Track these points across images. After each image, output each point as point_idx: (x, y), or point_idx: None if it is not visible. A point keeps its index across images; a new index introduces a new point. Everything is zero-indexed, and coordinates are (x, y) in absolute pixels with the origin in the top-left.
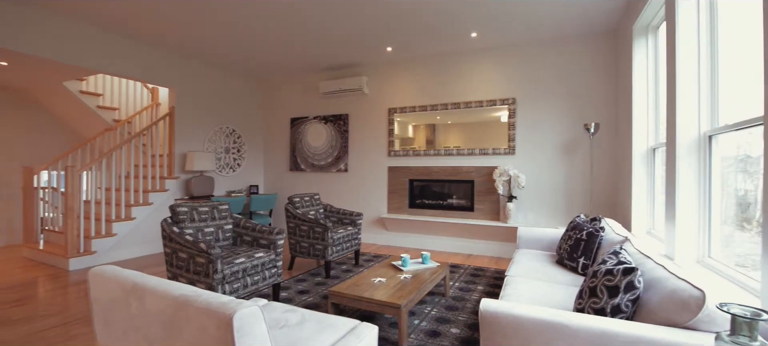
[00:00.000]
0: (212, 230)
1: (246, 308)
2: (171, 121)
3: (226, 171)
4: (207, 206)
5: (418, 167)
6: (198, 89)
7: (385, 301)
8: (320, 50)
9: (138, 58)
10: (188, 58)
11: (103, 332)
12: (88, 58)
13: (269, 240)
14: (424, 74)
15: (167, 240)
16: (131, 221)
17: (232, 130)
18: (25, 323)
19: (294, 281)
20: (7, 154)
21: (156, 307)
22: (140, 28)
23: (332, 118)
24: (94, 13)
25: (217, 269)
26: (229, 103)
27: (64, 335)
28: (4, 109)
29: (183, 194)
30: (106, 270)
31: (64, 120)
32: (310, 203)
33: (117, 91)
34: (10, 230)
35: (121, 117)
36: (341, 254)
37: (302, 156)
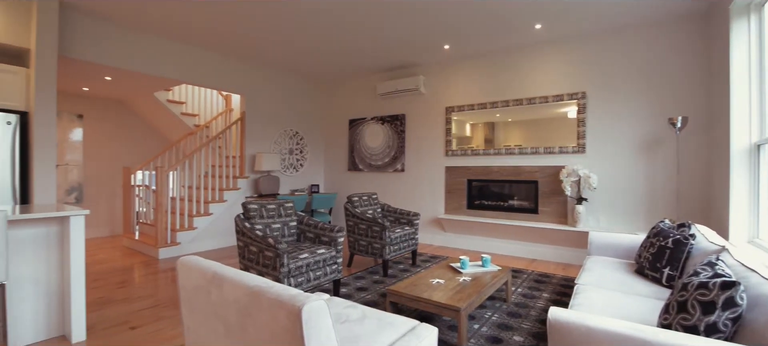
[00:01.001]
0: (279, 227)
1: (313, 302)
2: (242, 125)
3: (289, 171)
4: (274, 203)
5: (476, 167)
6: (266, 95)
7: (444, 303)
8: (377, 52)
9: (215, 69)
10: (257, 67)
11: (188, 316)
12: (173, 70)
13: (330, 238)
14: (482, 71)
15: (240, 234)
16: (209, 216)
17: (296, 132)
18: (125, 303)
19: (353, 278)
20: (111, 157)
21: (233, 295)
22: (217, 42)
23: (389, 118)
24: (179, 32)
25: (284, 263)
26: (292, 107)
27: (155, 316)
28: (108, 117)
29: (252, 192)
30: (191, 260)
31: (155, 126)
32: (368, 202)
33: (197, 99)
34: (113, 222)
35: (201, 122)
36: (398, 254)
37: (360, 156)
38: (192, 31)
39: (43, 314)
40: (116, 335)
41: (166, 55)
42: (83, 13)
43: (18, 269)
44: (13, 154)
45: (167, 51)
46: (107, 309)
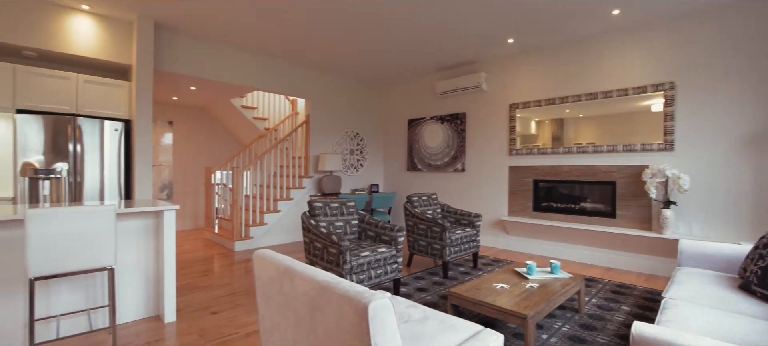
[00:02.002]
0: (341, 225)
1: (379, 299)
2: (307, 127)
3: (350, 171)
4: (337, 202)
5: (543, 167)
6: (328, 98)
7: (509, 309)
8: (437, 51)
9: (283, 75)
10: (321, 72)
11: (263, 305)
12: (247, 78)
13: (390, 237)
14: (551, 64)
15: (306, 231)
16: (277, 213)
17: (356, 133)
18: (207, 289)
19: (412, 277)
20: (195, 158)
21: (303, 288)
22: (285, 51)
23: (449, 117)
24: (252, 44)
25: (346, 260)
26: (353, 109)
27: (232, 303)
28: (192, 123)
29: (316, 191)
30: (266, 254)
31: (231, 129)
32: (427, 203)
33: (267, 104)
34: (196, 217)
35: (270, 125)
36: (459, 255)
37: (419, 156)
38: (264, 43)
39: (142, 296)
40: (200, 318)
41: (241, 64)
42: (173, 31)
43: (123, 256)
44: (119, 157)
45: (242, 61)
46: (192, 294)
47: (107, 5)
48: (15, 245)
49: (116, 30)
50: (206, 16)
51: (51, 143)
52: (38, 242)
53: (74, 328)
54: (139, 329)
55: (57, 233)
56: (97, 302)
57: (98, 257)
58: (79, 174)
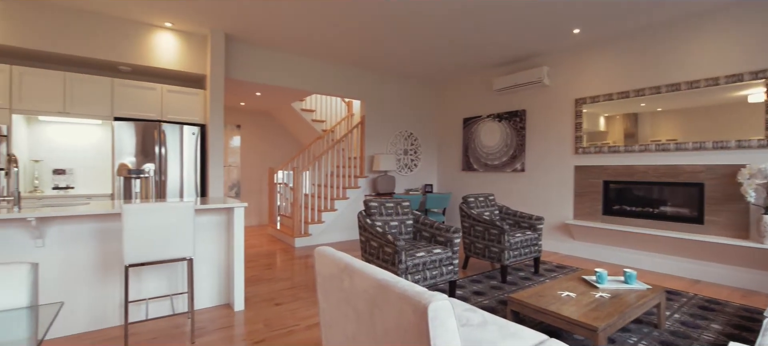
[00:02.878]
0: (396, 224)
1: (439, 301)
2: (362, 128)
3: (404, 171)
4: (392, 202)
5: (615, 166)
6: (383, 99)
7: (577, 319)
8: (495, 45)
9: (339, 79)
10: (376, 74)
11: (323, 299)
12: (306, 83)
13: (446, 238)
14: (622, 54)
15: (362, 229)
16: (334, 211)
17: (410, 133)
18: (271, 282)
19: (469, 280)
20: (260, 159)
21: (362, 286)
22: (342, 55)
23: (507, 115)
24: (311, 50)
25: (402, 260)
26: (407, 108)
27: (293, 296)
28: (257, 126)
29: (371, 190)
30: (326, 251)
31: (292, 132)
32: (484, 204)
33: (324, 107)
34: (260, 214)
35: (327, 127)
36: (518, 260)
37: (475, 156)
38: (321, 48)
39: (215, 285)
40: (265, 308)
41: (300, 69)
42: (242, 41)
43: (199, 248)
44: (195, 158)
45: (301, 66)
46: (258, 286)
47: (186, 22)
48: (114, 235)
49: (193, 44)
50: (270, 27)
51: (141, 146)
52: (132, 234)
53: (159, 311)
54: (212, 315)
55: (147, 225)
56: (178, 289)
57: (180, 248)
58: (163, 173)
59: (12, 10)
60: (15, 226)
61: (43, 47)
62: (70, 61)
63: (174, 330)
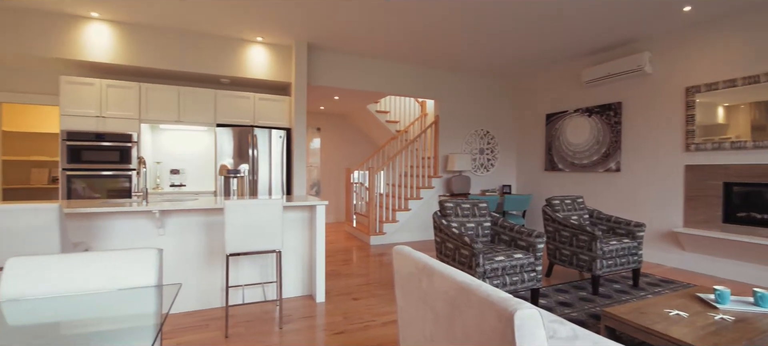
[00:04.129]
0: (473, 226)
1: (527, 309)
2: (436, 128)
3: (480, 171)
4: (468, 203)
5: (739, 166)
6: (457, 97)
7: (691, 344)
8: (584, 32)
9: (413, 79)
10: (449, 71)
11: (402, 298)
12: (381, 85)
13: (528, 242)
14: (748, 31)
15: (437, 230)
16: (408, 211)
17: (486, 131)
18: (348, 277)
19: (553, 289)
20: (337, 159)
21: (442, 287)
22: (415, 55)
23: (598, 109)
24: (385, 52)
25: (479, 263)
26: (483, 106)
27: (369, 292)
28: (335, 129)
29: (445, 191)
30: (405, 250)
31: (367, 133)
32: (571, 207)
33: (398, 107)
34: (337, 212)
35: (401, 127)
36: (613, 270)
37: (559, 155)
38: (395, 50)
39: (300, 277)
40: (343, 302)
41: (376, 72)
42: (321, 49)
43: (286, 241)
44: (282, 159)
45: (377, 69)
46: (336, 280)
47: (274, 35)
48: (217, 227)
49: (279, 54)
50: (347, 34)
51: (237, 149)
52: (232, 227)
53: (252, 296)
54: (296, 304)
55: (244, 220)
56: (268, 278)
57: (270, 240)
58: (255, 173)
59: (140, 36)
60: (143, 217)
61: (163, 66)
62: (183, 76)
63: (265, 315)
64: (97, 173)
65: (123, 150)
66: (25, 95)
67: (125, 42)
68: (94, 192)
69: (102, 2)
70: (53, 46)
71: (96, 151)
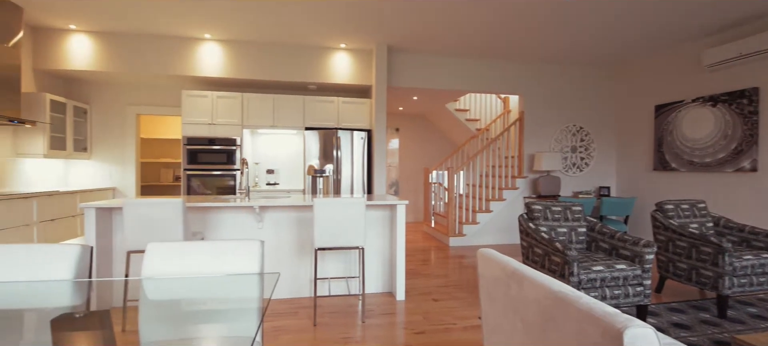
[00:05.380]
0: (565, 231)
1: (639, 328)
2: (520, 125)
3: (572, 171)
4: (559, 205)
5: None
6: (544, 91)
7: None
8: (706, 6)
9: (494, 75)
10: (535, 65)
11: (487, 303)
12: (460, 83)
13: (634, 252)
14: None
15: (524, 234)
16: (489, 213)
17: (579, 127)
18: (427, 277)
19: (665, 308)
20: (415, 159)
21: (533, 295)
22: (496, 50)
23: (725, 96)
24: (464, 49)
25: (573, 272)
26: (575, 99)
27: (449, 295)
28: (414, 129)
29: (531, 192)
30: (491, 253)
31: (445, 132)
32: (690, 213)
33: (478, 105)
34: (416, 211)
35: (481, 126)
36: (748, 290)
37: (673, 152)
38: (475, 47)
39: (381, 273)
40: (424, 302)
41: (455, 70)
42: (401, 51)
43: (368, 239)
44: (363, 160)
45: (457, 67)
46: (416, 280)
47: (356, 41)
48: (306, 223)
49: (360, 59)
50: (426, 34)
51: (323, 150)
52: (320, 223)
53: (337, 289)
54: (378, 300)
55: (330, 216)
56: (351, 273)
57: (354, 237)
58: (338, 173)
59: (242, 51)
60: (245, 211)
61: (261, 77)
62: (277, 85)
63: (348, 309)
64: (209, 172)
65: (229, 152)
66: (156, 108)
67: (231, 58)
68: (206, 189)
69: (213, 25)
70: (176, 65)
71: (208, 153)
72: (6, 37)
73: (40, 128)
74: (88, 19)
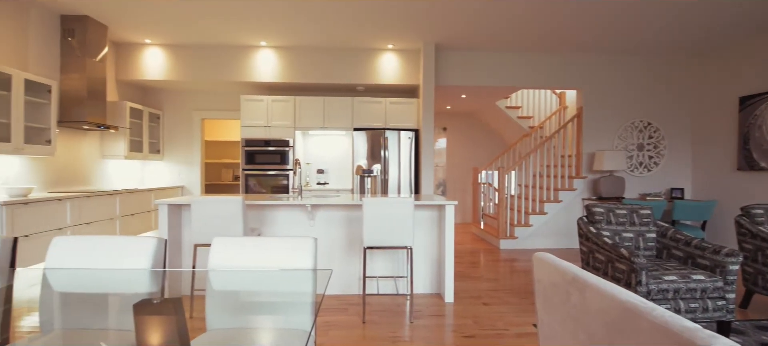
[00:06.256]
0: (631, 236)
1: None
2: (579, 122)
3: (638, 170)
4: (624, 208)
5: None
6: (606, 84)
7: None
8: None
9: (549, 69)
10: (596, 55)
11: (544, 310)
12: (513, 79)
13: (714, 262)
14: None
15: (583, 239)
16: (544, 215)
17: (648, 123)
18: (477, 280)
19: (753, 326)
20: (463, 159)
21: (598, 305)
22: (551, 43)
23: None
24: (517, 44)
25: (642, 282)
26: (642, 92)
27: (500, 299)
28: (462, 127)
29: (590, 193)
30: (548, 257)
31: (496, 131)
32: None
33: (531, 102)
34: (464, 212)
35: (535, 124)
36: None
37: (762, 149)
38: (528, 40)
39: (429, 274)
40: (473, 305)
41: (506, 66)
42: (449, 49)
43: (416, 239)
44: (410, 160)
45: (507, 62)
46: (464, 282)
47: (404, 41)
48: (355, 222)
49: (407, 59)
50: (476, 30)
51: (370, 151)
52: (369, 222)
53: (385, 288)
54: (425, 301)
55: (379, 216)
56: (399, 273)
57: (402, 237)
58: (386, 173)
59: (295, 57)
60: (298, 210)
61: (312, 80)
62: (326, 88)
63: (396, 308)
64: (265, 172)
65: (282, 153)
66: (218, 112)
67: (284, 63)
68: (262, 188)
69: (268, 32)
70: (235, 72)
71: (264, 154)
72: (94, 52)
73: (122, 133)
74: (161, 33)
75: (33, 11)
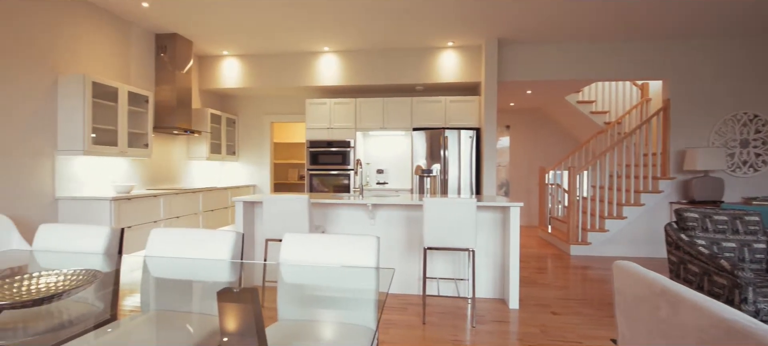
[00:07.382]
0: (734, 246)
1: None
2: (665, 116)
3: (742, 170)
4: (724, 214)
5: None
6: (698, 73)
7: None
8: None
9: (627, 58)
10: (683, 42)
11: (625, 324)
12: (585, 71)
13: None
14: None
15: (672, 247)
16: (622, 219)
17: (753, 116)
18: (544, 288)
19: None
20: (528, 158)
21: (694, 322)
22: (628, 28)
23: None
24: (588, 33)
25: (748, 299)
26: (745, 81)
27: (572, 309)
28: (527, 125)
29: (680, 196)
30: (631, 266)
31: (565, 128)
32: None
33: (606, 95)
34: (529, 215)
35: (611, 119)
36: None
37: None
38: (601, 28)
39: (492, 278)
40: (540, 313)
41: (577, 57)
42: (513, 43)
43: (479, 241)
44: (471, 159)
45: (579, 53)
46: (531, 288)
47: (464, 38)
48: (415, 222)
49: (468, 56)
50: (541, 21)
51: (429, 150)
52: (430, 222)
53: (445, 290)
54: (488, 306)
55: (440, 216)
56: (460, 276)
57: (464, 238)
58: (445, 173)
59: (355, 60)
60: (359, 208)
61: (372, 82)
62: (386, 89)
63: (457, 311)
64: (327, 172)
65: (344, 154)
66: (285, 116)
67: (345, 67)
68: (325, 187)
69: (330, 38)
70: (301, 77)
71: (327, 155)
72: (182, 65)
73: (204, 136)
74: (237, 45)
75: (133, 32)
